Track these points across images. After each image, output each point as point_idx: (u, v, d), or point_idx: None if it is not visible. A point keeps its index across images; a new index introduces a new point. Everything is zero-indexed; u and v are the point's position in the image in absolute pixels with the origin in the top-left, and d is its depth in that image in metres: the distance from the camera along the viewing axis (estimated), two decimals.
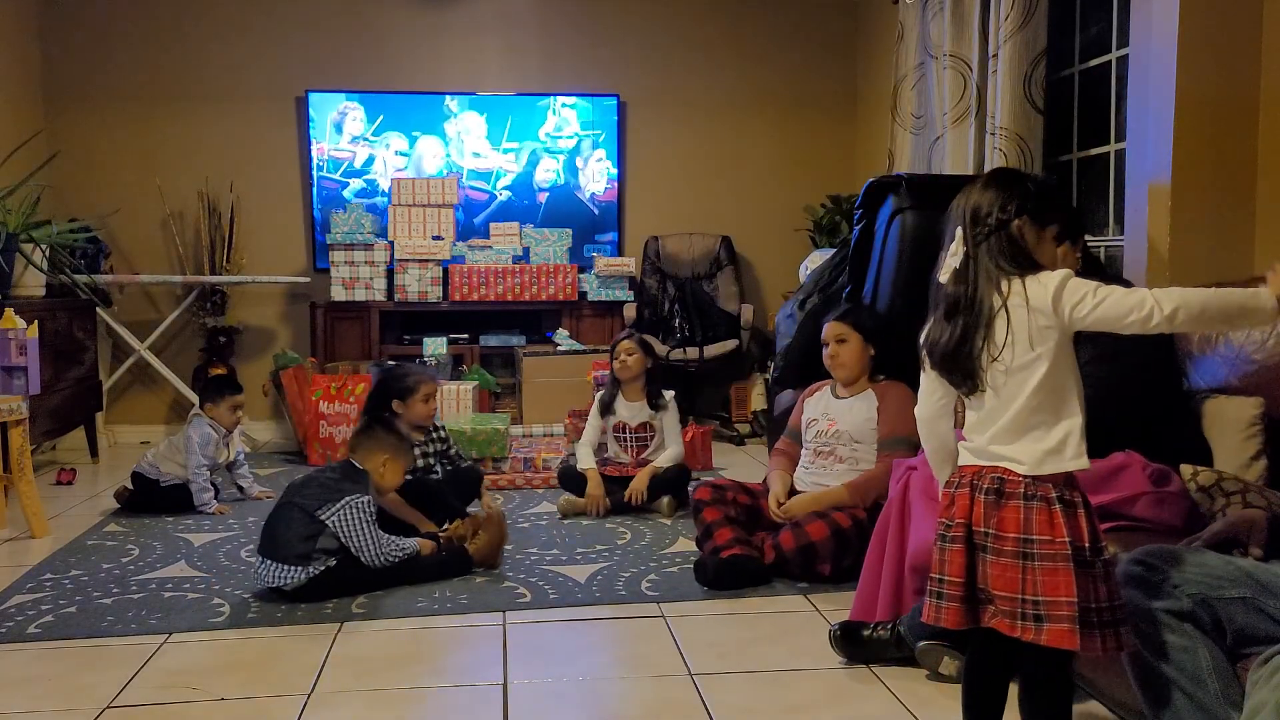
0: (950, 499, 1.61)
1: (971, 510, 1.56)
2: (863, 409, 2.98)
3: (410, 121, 5.47)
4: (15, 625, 2.54)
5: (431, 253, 5.21)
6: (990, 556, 1.53)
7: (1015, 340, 1.53)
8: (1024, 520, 1.51)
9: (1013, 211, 1.59)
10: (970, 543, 1.56)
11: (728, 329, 5.29)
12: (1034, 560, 1.50)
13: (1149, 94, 2.91)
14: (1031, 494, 1.52)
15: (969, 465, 1.61)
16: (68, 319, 4.46)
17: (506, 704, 2.09)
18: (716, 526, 2.91)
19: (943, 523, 1.61)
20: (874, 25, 5.51)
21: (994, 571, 1.53)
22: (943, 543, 1.60)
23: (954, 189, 1.80)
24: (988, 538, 1.54)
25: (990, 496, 1.54)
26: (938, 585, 1.59)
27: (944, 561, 1.58)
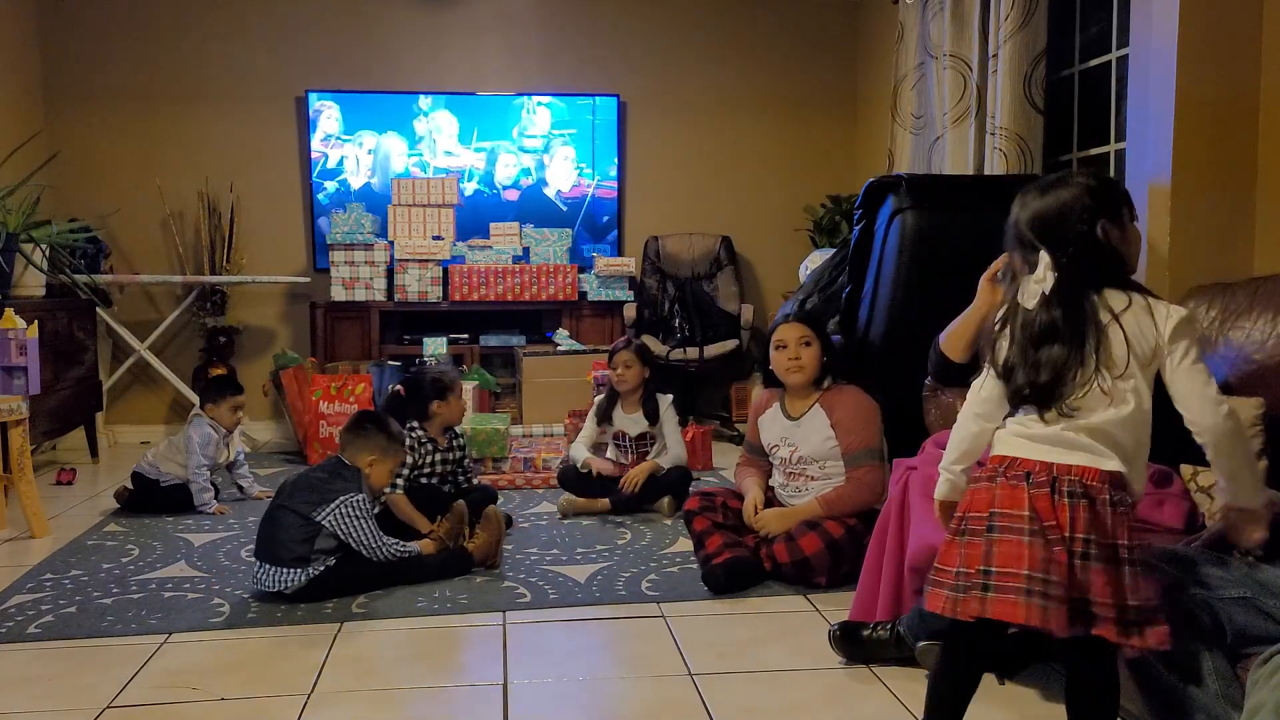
0: (1025, 496, 1.50)
1: (1056, 512, 1.48)
2: (817, 429, 2.93)
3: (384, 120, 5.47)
4: (15, 625, 2.54)
5: (431, 253, 5.21)
6: (1093, 564, 1.46)
7: (1133, 353, 1.51)
8: (1113, 526, 1.47)
9: (1089, 219, 1.54)
10: (1068, 548, 1.48)
11: (728, 329, 5.29)
12: (1128, 565, 1.46)
13: (1149, 94, 2.91)
14: (1116, 500, 1.48)
15: (1031, 459, 1.53)
16: (68, 319, 4.46)
17: (506, 704, 2.09)
18: (706, 535, 2.91)
19: (1029, 516, 1.49)
20: (874, 25, 5.51)
21: (1099, 579, 1.46)
22: (1040, 540, 1.47)
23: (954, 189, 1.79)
24: (1089, 544, 1.46)
25: (1081, 501, 1.48)
26: (1040, 585, 1.46)
27: (1049, 561, 1.46)
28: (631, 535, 3.36)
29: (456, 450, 3.50)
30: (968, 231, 2.90)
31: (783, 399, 3.05)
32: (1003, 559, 1.47)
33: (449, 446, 3.47)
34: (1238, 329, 2.42)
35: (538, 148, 5.58)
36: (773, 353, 3.01)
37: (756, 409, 3.15)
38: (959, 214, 3.10)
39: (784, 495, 3.02)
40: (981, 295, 2.51)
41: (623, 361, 3.73)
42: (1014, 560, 1.47)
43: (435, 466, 3.39)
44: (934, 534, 2.16)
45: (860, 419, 2.90)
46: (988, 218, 2.60)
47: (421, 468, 3.37)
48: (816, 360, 2.96)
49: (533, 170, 5.59)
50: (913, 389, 2.82)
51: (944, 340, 2.60)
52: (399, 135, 5.46)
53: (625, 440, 3.78)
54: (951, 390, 2.66)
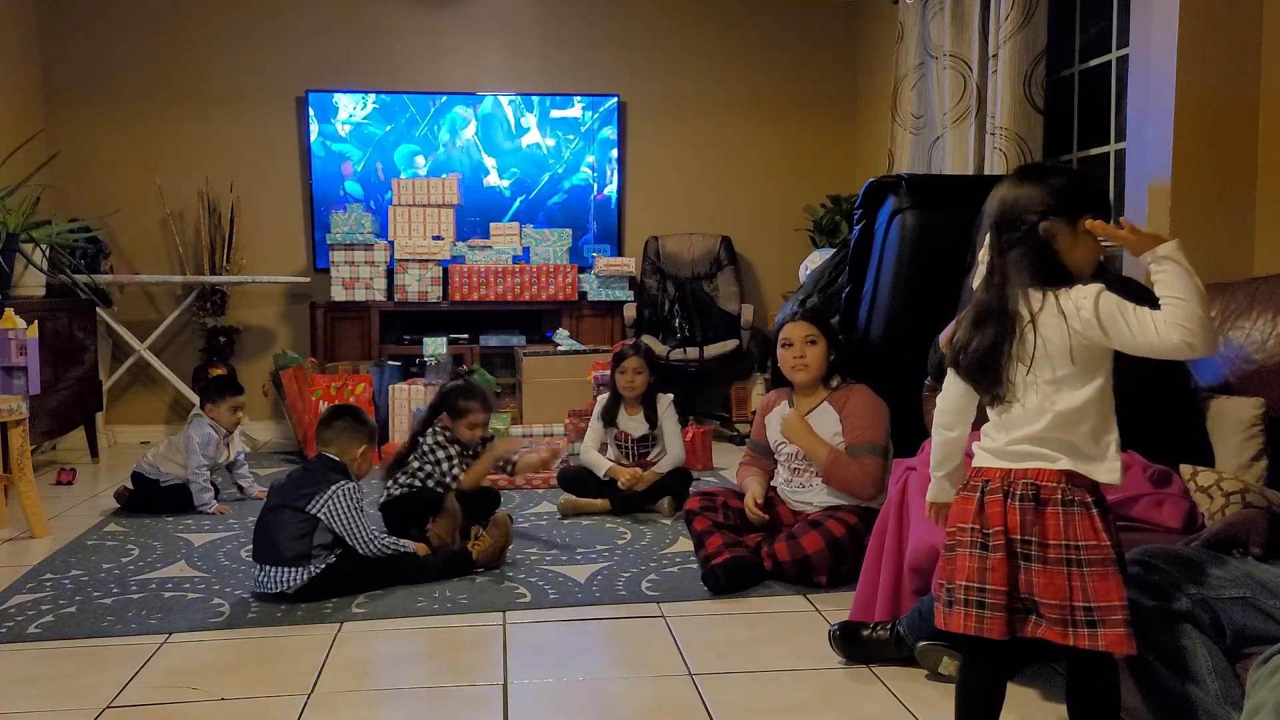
0: (977, 505, 1.55)
1: (1007, 517, 1.51)
2: (827, 426, 2.94)
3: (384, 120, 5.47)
4: (15, 625, 2.54)
5: (431, 253, 5.21)
6: (1035, 565, 1.48)
7: (1051, 354, 1.50)
8: (1064, 526, 1.47)
9: (1040, 214, 1.52)
10: (1009, 551, 1.50)
11: (728, 329, 5.29)
12: (1082, 566, 1.46)
13: (1149, 94, 2.91)
14: (1070, 499, 1.48)
15: (992, 468, 1.56)
16: (68, 319, 4.46)
17: (506, 704, 2.09)
18: (706, 535, 2.91)
19: (974, 529, 1.54)
20: (874, 25, 5.51)
21: (1040, 580, 1.48)
22: (980, 551, 1.53)
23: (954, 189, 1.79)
24: (1031, 546, 1.49)
25: (1027, 503, 1.50)
26: (977, 595, 1.52)
27: (985, 570, 1.51)
28: (631, 535, 3.36)
29: (470, 458, 3.36)
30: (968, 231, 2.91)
31: (791, 396, 3.06)
32: (956, 573, 1.55)
33: (469, 453, 3.36)
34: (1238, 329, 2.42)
35: (538, 148, 5.58)
36: (778, 351, 3.01)
37: (764, 407, 3.15)
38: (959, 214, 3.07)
39: (788, 492, 3.02)
40: None
41: (633, 368, 3.70)
42: (960, 573, 1.54)
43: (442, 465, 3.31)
44: (933, 534, 2.16)
45: (869, 416, 2.90)
46: None
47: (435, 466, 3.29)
48: (822, 358, 2.96)
49: (533, 170, 5.59)
50: (913, 389, 2.82)
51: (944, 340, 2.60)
52: (399, 135, 5.46)
53: (628, 441, 3.77)
54: None
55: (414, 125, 5.46)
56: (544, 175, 5.60)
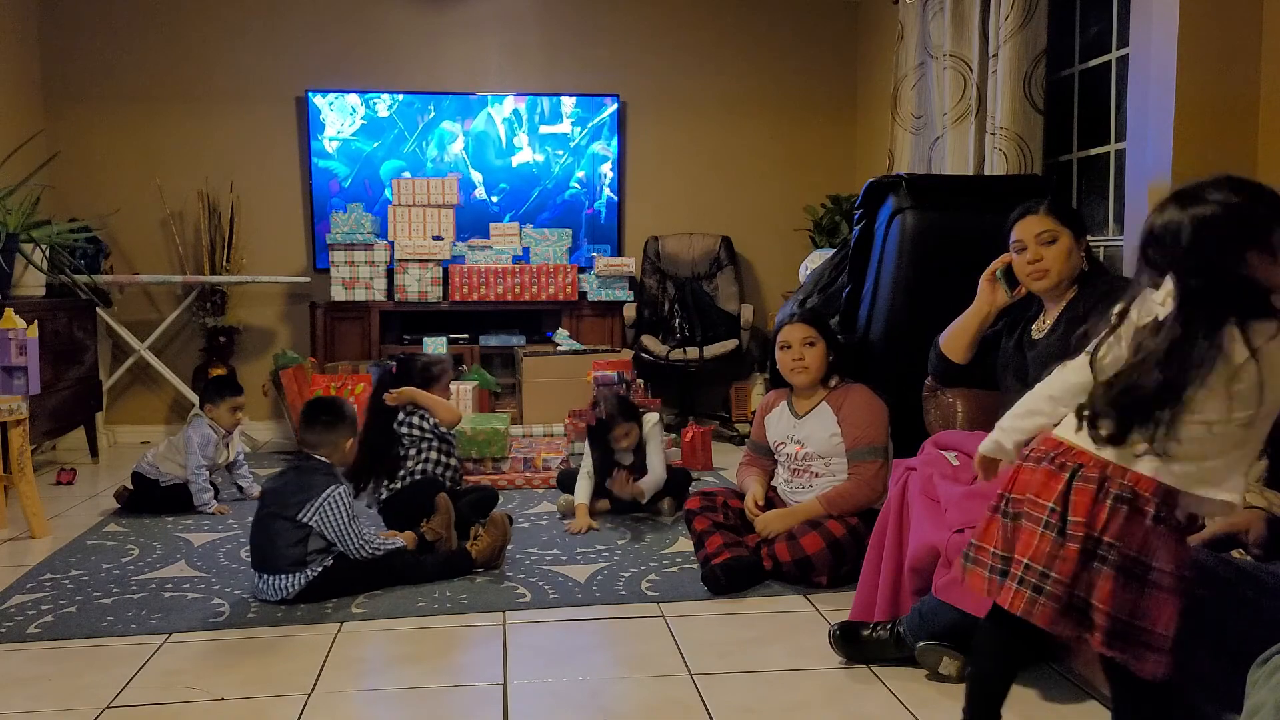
0: (1064, 487, 1.45)
1: (1094, 510, 1.42)
2: (824, 425, 2.94)
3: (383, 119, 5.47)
4: (15, 625, 2.54)
5: (431, 253, 5.21)
6: (1108, 570, 1.41)
7: (1246, 395, 1.36)
8: (1150, 542, 1.40)
9: (1235, 249, 1.37)
10: (1084, 546, 1.43)
11: (728, 329, 5.29)
12: (1150, 587, 1.41)
13: (1149, 94, 2.91)
14: (1162, 516, 1.40)
15: (1086, 452, 1.46)
16: (68, 319, 4.46)
17: (506, 704, 2.09)
18: (706, 535, 2.91)
19: (1054, 510, 1.45)
20: (874, 25, 5.51)
21: (1106, 586, 1.41)
22: (1056, 535, 1.44)
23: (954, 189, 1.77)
24: (1111, 549, 1.41)
25: (1123, 506, 1.41)
26: (1037, 578, 1.44)
27: (1055, 557, 1.43)
28: (631, 535, 3.36)
29: (453, 457, 3.46)
30: (968, 231, 2.92)
31: (790, 397, 3.06)
32: (1020, 546, 1.48)
33: (450, 453, 3.44)
34: None
35: (538, 148, 5.58)
36: (777, 353, 3.01)
37: (764, 407, 3.15)
38: (959, 214, 3.10)
39: (787, 492, 3.02)
40: (981, 295, 2.52)
41: (623, 433, 3.56)
42: (1024, 549, 1.47)
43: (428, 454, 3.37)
44: (933, 534, 2.16)
45: (867, 416, 2.90)
46: (988, 218, 2.61)
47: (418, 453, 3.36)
48: (821, 360, 2.96)
49: (532, 170, 5.59)
50: (913, 389, 2.82)
51: (944, 341, 2.61)
52: (399, 135, 5.46)
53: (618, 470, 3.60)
54: (951, 390, 2.67)
55: (402, 141, 5.45)
56: (544, 175, 5.59)
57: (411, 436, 3.38)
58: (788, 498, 3.01)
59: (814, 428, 2.95)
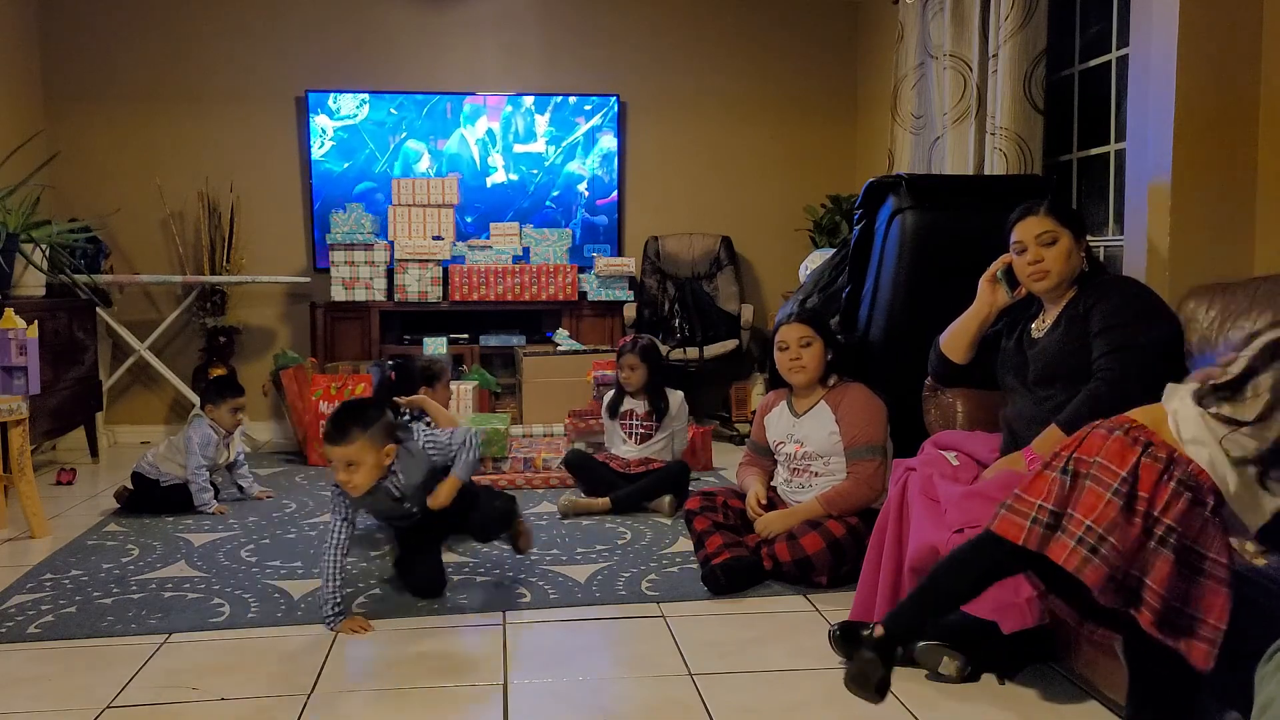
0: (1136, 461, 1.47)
1: (1156, 489, 1.45)
2: (822, 424, 2.94)
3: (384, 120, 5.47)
4: (15, 625, 2.54)
5: (431, 253, 5.21)
6: (1167, 553, 1.43)
7: None
8: (1206, 532, 1.43)
9: None
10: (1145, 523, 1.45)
11: (728, 329, 5.30)
12: (1203, 576, 1.43)
13: (1149, 94, 2.91)
14: (1220, 510, 1.43)
15: (1159, 437, 1.49)
16: (68, 319, 4.46)
17: (506, 704, 2.09)
18: (706, 535, 2.92)
19: (1125, 479, 1.46)
20: (874, 25, 5.51)
21: (1164, 568, 1.43)
22: (1123, 504, 1.45)
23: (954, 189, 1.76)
24: (1170, 533, 1.43)
25: (1186, 491, 1.44)
26: (1095, 540, 1.45)
27: (1117, 525, 1.45)
28: (631, 535, 3.36)
29: None
30: (968, 231, 2.91)
31: (789, 396, 3.06)
32: (1082, 506, 1.49)
33: None
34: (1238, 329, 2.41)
35: (538, 148, 5.58)
36: (775, 353, 3.02)
37: (763, 407, 3.16)
38: (959, 214, 3.10)
39: (787, 492, 3.02)
40: (981, 296, 2.52)
41: (628, 364, 3.89)
42: (1088, 510, 1.48)
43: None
44: (933, 534, 2.16)
45: (865, 415, 2.91)
46: (988, 218, 2.61)
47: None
48: (818, 360, 2.96)
49: (532, 170, 5.59)
50: (913, 389, 2.82)
51: (944, 341, 2.61)
52: (410, 130, 5.46)
53: (632, 419, 3.91)
54: (951, 390, 2.67)
55: (414, 124, 5.45)
56: (544, 175, 5.59)
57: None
58: (787, 498, 3.01)
59: (813, 427, 2.96)
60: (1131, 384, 2.13)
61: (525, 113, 5.54)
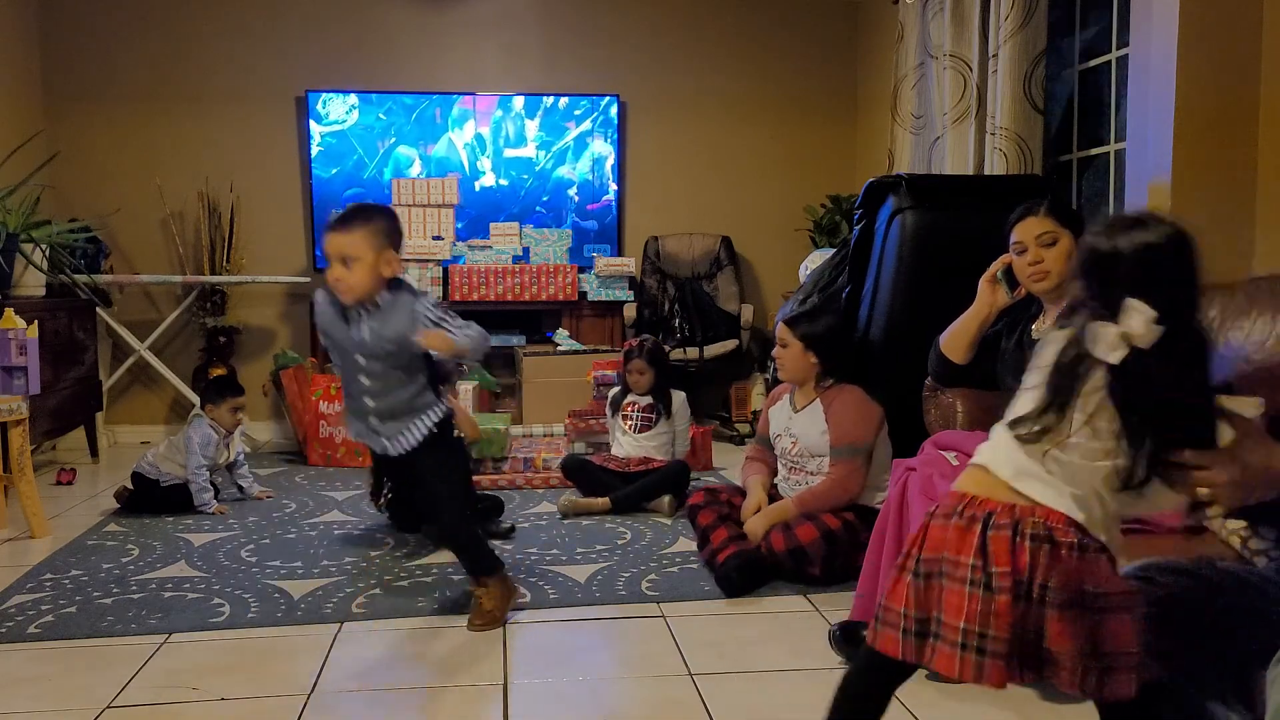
0: (978, 541, 1.38)
1: (1015, 556, 1.35)
2: (814, 423, 2.97)
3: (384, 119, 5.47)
4: (15, 625, 2.54)
5: (431, 253, 5.21)
6: (1053, 611, 1.34)
7: None
8: (1078, 572, 1.34)
9: None
10: (1014, 593, 1.35)
11: (728, 329, 5.30)
12: (1099, 613, 1.35)
13: (1149, 94, 2.91)
14: (1083, 543, 1.35)
15: (991, 499, 1.40)
16: (68, 319, 4.46)
17: (506, 704, 2.09)
18: (712, 529, 2.93)
19: (972, 565, 1.37)
20: (874, 25, 5.51)
21: (1055, 627, 1.34)
22: (981, 590, 1.36)
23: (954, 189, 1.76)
24: (1045, 590, 1.34)
25: (1044, 545, 1.35)
26: (976, 640, 1.36)
27: (989, 614, 1.35)
28: (631, 535, 3.36)
29: None
30: (968, 231, 2.91)
31: (793, 390, 3.09)
32: (949, 609, 1.40)
33: None
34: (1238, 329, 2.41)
35: (538, 148, 5.58)
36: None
37: (770, 399, 3.23)
38: (959, 214, 3.10)
39: (786, 490, 3.04)
40: (981, 296, 2.52)
41: (636, 369, 3.97)
42: (955, 612, 1.38)
43: None
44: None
45: (853, 415, 2.92)
46: (988, 218, 2.61)
47: None
48: (795, 362, 3.00)
49: (532, 170, 5.59)
50: (913, 389, 2.82)
51: (944, 341, 2.61)
52: (399, 135, 5.46)
53: (634, 410, 3.97)
54: (952, 390, 2.67)
55: (414, 125, 5.45)
56: (544, 175, 5.59)
57: None
58: (787, 495, 3.02)
59: (806, 424, 2.98)
60: None
61: (518, 115, 5.53)
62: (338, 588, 2.83)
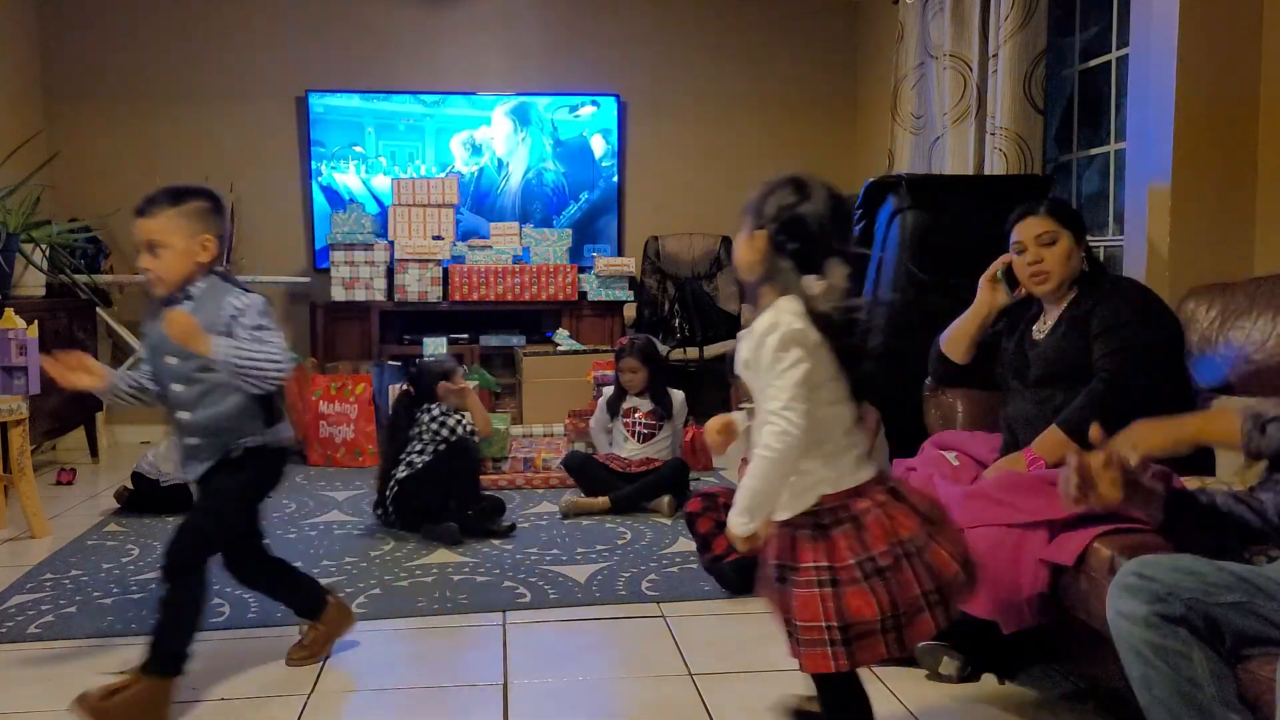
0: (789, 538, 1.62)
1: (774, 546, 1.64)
2: None
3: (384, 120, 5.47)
4: (15, 625, 2.54)
5: (431, 253, 5.21)
6: (769, 585, 1.62)
7: None
8: (789, 549, 1.61)
9: None
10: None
11: (728, 329, 5.30)
12: (790, 585, 1.57)
13: (1149, 94, 2.91)
14: (795, 522, 1.63)
15: None
16: (68, 319, 4.46)
17: (506, 704, 2.09)
18: (712, 537, 2.91)
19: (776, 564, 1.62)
20: (874, 25, 5.51)
21: (769, 597, 1.62)
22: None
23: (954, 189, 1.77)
24: (770, 568, 1.63)
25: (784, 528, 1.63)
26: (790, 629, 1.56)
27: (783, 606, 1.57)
28: (631, 535, 3.36)
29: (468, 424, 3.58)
30: (968, 231, 2.91)
31: None
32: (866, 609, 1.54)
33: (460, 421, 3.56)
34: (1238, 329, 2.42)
35: (538, 147, 5.58)
36: None
37: None
38: (959, 214, 3.10)
39: None
40: (981, 296, 2.52)
41: (629, 367, 3.95)
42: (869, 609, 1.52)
43: (460, 428, 3.49)
44: None
45: None
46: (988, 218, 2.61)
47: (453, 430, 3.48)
48: None
49: (532, 170, 5.59)
50: (913, 389, 2.82)
51: (944, 341, 2.61)
52: (399, 135, 5.46)
53: (633, 417, 3.97)
54: (952, 391, 2.67)
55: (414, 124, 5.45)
56: (544, 175, 5.59)
57: (430, 430, 3.47)
58: None
59: None
60: (1132, 384, 2.14)
61: (518, 115, 5.53)
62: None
